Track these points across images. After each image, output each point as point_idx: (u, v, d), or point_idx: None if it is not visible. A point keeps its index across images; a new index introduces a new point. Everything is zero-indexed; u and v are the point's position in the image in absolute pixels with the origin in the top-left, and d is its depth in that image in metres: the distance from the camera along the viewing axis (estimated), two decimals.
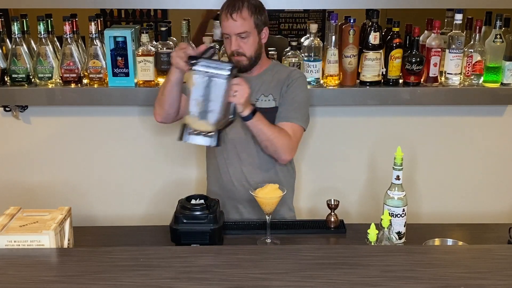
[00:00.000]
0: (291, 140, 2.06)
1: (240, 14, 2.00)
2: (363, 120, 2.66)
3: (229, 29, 2.03)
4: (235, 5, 2.01)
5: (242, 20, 2.01)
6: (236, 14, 2.00)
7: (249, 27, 2.03)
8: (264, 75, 2.15)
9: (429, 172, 2.74)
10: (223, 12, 2.02)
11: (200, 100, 1.82)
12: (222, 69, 1.81)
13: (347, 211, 2.66)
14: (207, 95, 1.81)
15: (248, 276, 1.47)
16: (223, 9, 2.03)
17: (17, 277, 1.48)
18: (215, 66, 1.81)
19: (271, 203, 1.85)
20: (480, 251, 1.66)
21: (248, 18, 2.02)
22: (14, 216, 1.73)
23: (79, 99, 2.44)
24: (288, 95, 2.10)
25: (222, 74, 1.80)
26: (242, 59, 2.06)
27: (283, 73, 2.15)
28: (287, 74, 2.13)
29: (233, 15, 2.00)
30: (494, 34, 2.42)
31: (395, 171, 1.80)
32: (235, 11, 2.00)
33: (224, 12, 2.02)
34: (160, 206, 2.67)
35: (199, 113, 1.82)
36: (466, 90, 2.46)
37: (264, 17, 2.08)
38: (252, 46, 2.06)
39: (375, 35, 2.38)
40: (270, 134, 2.01)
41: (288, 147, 2.06)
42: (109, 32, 2.37)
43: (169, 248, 1.75)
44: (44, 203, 2.67)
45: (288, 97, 2.09)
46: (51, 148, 2.68)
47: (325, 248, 1.77)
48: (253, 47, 2.06)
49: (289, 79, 2.11)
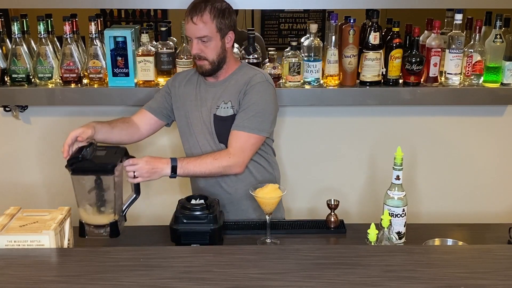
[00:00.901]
0: (233, 156, 2.00)
1: (201, 18, 1.97)
2: (363, 120, 2.66)
3: (189, 32, 2.01)
4: (197, 9, 1.98)
5: (203, 24, 1.98)
6: (196, 18, 1.97)
7: (210, 32, 1.99)
8: (228, 80, 2.10)
9: (429, 172, 2.74)
10: (186, 15, 2.00)
11: (93, 196, 1.79)
12: (104, 171, 1.75)
13: (347, 211, 2.65)
14: (99, 189, 1.78)
15: (248, 276, 1.47)
16: (186, 12, 2.01)
17: (17, 277, 1.48)
18: (96, 169, 1.76)
19: (271, 203, 1.85)
20: (480, 251, 1.66)
21: (210, 22, 1.98)
22: (14, 216, 1.73)
23: (79, 99, 2.44)
24: (244, 102, 2.03)
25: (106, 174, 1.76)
26: (204, 63, 2.04)
27: (245, 77, 2.08)
28: (247, 79, 2.06)
29: (194, 19, 1.97)
30: (494, 34, 2.42)
31: (395, 171, 1.80)
32: (196, 14, 1.97)
33: (186, 15, 2.00)
34: (160, 206, 2.67)
35: (97, 207, 1.80)
36: (466, 90, 2.46)
37: (230, 21, 2.03)
38: (214, 50, 2.02)
39: (375, 35, 2.38)
40: (204, 169, 1.99)
41: (232, 165, 2.00)
42: (109, 32, 2.37)
43: (169, 248, 1.75)
44: (44, 203, 2.68)
45: (245, 105, 2.03)
46: (51, 148, 2.68)
47: (325, 248, 1.76)
48: (215, 51, 2.03)
49: (247, 85, 2.04)
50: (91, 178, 1.77)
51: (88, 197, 1.79)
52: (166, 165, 1.95)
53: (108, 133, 2.02)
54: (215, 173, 2.02)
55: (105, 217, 1.80)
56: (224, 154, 2.01)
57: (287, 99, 2.45)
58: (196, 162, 1.99)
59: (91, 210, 1.80)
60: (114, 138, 2.07)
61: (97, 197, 1.79)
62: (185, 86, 2.17)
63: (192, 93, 2.14)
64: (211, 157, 2.01)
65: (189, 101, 2.13)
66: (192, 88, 2.15)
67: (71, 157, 1.79)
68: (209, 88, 2.12)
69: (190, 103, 2.13)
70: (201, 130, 2.11)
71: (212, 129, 2.09)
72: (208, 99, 2.10)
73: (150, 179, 1.93)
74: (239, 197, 2.13)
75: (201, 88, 2.14)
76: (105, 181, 1.78)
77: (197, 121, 2.12)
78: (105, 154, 1.82)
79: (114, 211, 1.81)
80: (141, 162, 1.90)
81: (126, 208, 1.88)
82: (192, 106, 2.13)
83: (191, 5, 2.01)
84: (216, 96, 2.09)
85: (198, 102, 2.12)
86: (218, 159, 2.00)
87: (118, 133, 2.07)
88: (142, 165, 1.89)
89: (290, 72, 2.44)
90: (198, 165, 1.99)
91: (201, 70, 2.07)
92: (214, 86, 2.11)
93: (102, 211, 1.80)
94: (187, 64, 2.40)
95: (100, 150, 1.84)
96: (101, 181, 1.77)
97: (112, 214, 1.81)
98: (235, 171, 2.03)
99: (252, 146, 2.05)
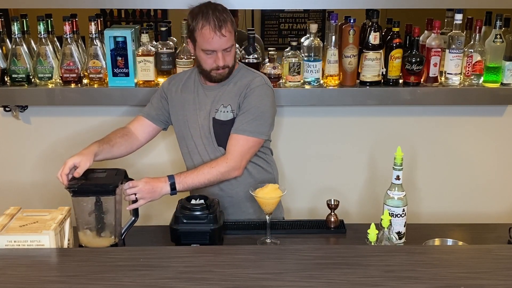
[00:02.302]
0: (230, 160, 1.99)
1: (227, 28, 1.92)
2: (363, 120, 2.66)
3: (217, 45, 1.92)
4: (220, 20, 1.90)
5: (229, 33, 1.94)
6: (225, 29, 1.91)
7: (233, 39, 1.98)
8: (227, 83, 2.07)
9: (429, 172, 2.74)
10: (207, 28, 1.90)
11: (93, 218, 1.79)
12: (106, 192, 1.76)
13: (347, 211, 2.65)
14: (99, 211, 1.78)
15: (248, 276, 1.47)
16: (204, 25, 1.91)
17: (17, 277, 1.48)
18: (97, 190, 1.76)
19: (271, 203, 1.85)
20: (480, 251, 1.66)
21: (232, 31, 1.96)
22: (14, 216, 1.73)
23: (79, 99, 2.44)
24: (244, 105, 2.01)
25: (108, 195, 1.76)
26: (226, 71, 2.01)
27: (244, 80, 2.06)
28: (247, 82, 2.04)
29: (223, 31, 1.91)
30: (494, 34, 2.42)
31: (395, 171, 1.80)
32: (223, 26, 1.90)
33: (210, 28, 1.90)
34: (160, 206, 2.67)
35: (96, 230, 1.80)
36: (466, 90, 2.46)
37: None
38: (233, 56, 2.01)
39: (375, 35, 2.38)
40: (203, 180, 1.98)
41: (231, 169, 1.99)
42: (109, 32, 2.37)
43: (169, 248, 1.75)
44: (43, 203, 2.67)
45: (244, 108, 2.01)
46: (51, 148, 2.68)
47: (325, 248, 1.77)
48: (234, 57, 2.02)
49: (247, 89, 2.03)
50: (92, 199, 1.77)
51: (88, 219, 1.79)
52: (164, 184, 1.93)
53: (108, 153, 2.01)
54: (214, 181, 2.01)
55: (104, 240, 1.80)
56: (221, 161, 2.00)
57: (287, 99, 2.45)
58: (194, 175, 1.97)
59: (90, 233, 1.80)
60: (115, 155, 2.07)
61: (97, 220, 1.79)
62: (182, 91, 2.13)
63: (190, 98, 2.11)
64: (208, 166, 1.99)
65: (187, 105, 2.11)
66: (190, 92, 2.12)
67: (71, 180, 1.79)
68: (208, 92, 2.09)
69: (189, 107, 2.11)
70: (200, 134, 2.09)
71: (211, 133, 2.07)
72: (207, 103, 2.08)
73: (152, 199, 1.92)
74: (240, 199, 2.13)
75: (199, 92, 2.11)
76: (105, 203, 1.78)
77: (195, 125, 2.10)
78: (106, 175, 1.83)
79: (113, 234, 1.81)
80: (141, 184, 1.89)
81: (125, 231, 1.88)
82: (190, 110, 2.10)
83: (204, 18, 1.91)
84: (215, 100, 2.06)
85: (196, 106, 2.10)
86: (215, 167, 1.98)
87: (118, 149, 2.06)
88: (142, 186, 1.88)
89: (290, 72, 2.44)
90: (196, 177, 1.97)
91: (220, 77, 2.02)
92: (213, 89, 2.08)
93: (102, 234, 1.80)
94: (187, 64, 2.40)
95: (100, 172, 1.85)
96: (101, 203, 1.77)
97: (111, 237, 1.81)
98: (234, 175, 2.02)
99: (250, 149, 2.04)
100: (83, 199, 1.77)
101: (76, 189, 1.75)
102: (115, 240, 1.82)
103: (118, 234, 1.83)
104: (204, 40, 1.93)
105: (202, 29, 1.92)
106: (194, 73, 2.15)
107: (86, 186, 1.76)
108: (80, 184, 1.76)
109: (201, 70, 2.04)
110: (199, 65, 2.03)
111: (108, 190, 1.76)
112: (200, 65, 2.02)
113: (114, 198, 1.77)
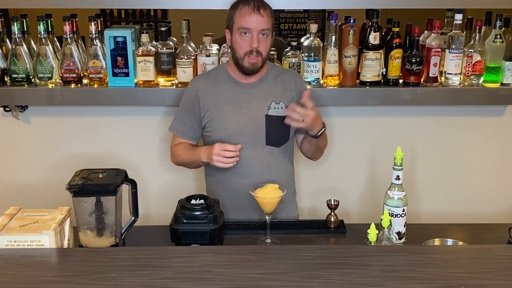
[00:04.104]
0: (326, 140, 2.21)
1: (265, 11, 1.97)
2: (363, 120, 2.66)
3: (253, 23, 1.96)
4: (260, 2, 1.97)
5: (268, 17, 1.98)
6: (263, 10, 1.96)
7: (271, 25, 2.00)
8: (265, 79, 2.11)
9: (429, 172, 2.74)
10: (247, 7, 1.96)
11: (93, 219, 1.79)
12: (107, 192, 1.76)
13: (347, 211, 2.66)
14: (99, 212, 1.78)
15: (248, 276, 1.47)
16: (242, 4, 1.97)
17: (17, 277, 1.48)
18: (97, 190, 1.76)
19: (271, 203, 1.85)
20: (480, 251, 1.66)
21: (270, 17, 2.00)
22: (14, 216, 1.73)
23: (79, 99, 2.44)
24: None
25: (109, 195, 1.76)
26: (259, 60, 2.01)
27: (285, 77, 2.13)
28: (292, 80, 2.13)
29: (261, 11, 1.96)
30: (494, 34, 2.42)
31: (395, 171, 1.80)
32: (261, 7, 1.97)
33: (249, 7, 1.96)
34: (160, 206, 2.67)
35: (97, 230, 1.80)
36: (466, 90, 2.46)
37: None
38: (268, 47, 2.03)
39: (375, 35, 2.38)
40: (324, 144, 2.13)
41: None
42: (109, 32, 2.37)
43: (169, 248, 1.75)
44: (44, 203, 2.67)
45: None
46: (51, 148, 2.68)
47: (325, 248, 1.76)
48: (268, 48, 2.04)
49: (297, 86, 2.11)
50: (92, 200, 1.77)
51: (89, 220, 1.79)
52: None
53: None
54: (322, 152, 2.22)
55: (104, 240, 1.80)
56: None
57: None
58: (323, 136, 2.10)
59: (91, 234, 1.80)
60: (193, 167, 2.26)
61: (97, 220, 1.79)
62: (216, 94, 2.11)
63: (226, 98, 2.09)
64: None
65: (224, 106, 2.09)
66: (224, 92, 2.10)
67: (71, 181, 1.79)
68: (248, 90, 2.09)
69: (226, 108, 2.09)
70: (243, 133, 2.07)
71: (262, 130, 2.07)
72: (249, 101, 2.08)
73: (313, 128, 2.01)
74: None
75: (235, 91, 2.10)
76: (106, 203, 1.78)
77: (235, 124, 2.07)
78: (106, 176, 1.83)
79: (113, 234, 1.81)
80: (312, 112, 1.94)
81: (125, 231, 1.88)
82: (227, 110, 2.08)
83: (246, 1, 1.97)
84: (261, 97, 2.07)
85: (238, 105, 2.08)
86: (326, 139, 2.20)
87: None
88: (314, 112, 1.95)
89: None
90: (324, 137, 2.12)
91: (252, 67, 2.02)
92: (253, 86, 2.08)
93: (102, 234, 1.80)
94: (187, 64, 2.40)
95: (101, 172, 1.85)
96: (102, 203, 1.77)
97: (112, 238, 1.81)
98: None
99: None
100: (84, 199, 1.77)
101: (77, 189, 1.75)
102: (115, 240, 1.82)
103: (118, 234, 1.83)
104: (242, 18, 1.97)
105: (241, 10, 1.98)
106: (222, 72, 2.14)
107: (86, 186, 1.76)
108: (80, 184, 1.75)
109: (235, 60, 2.04)
110: (234, 54, 2.05)
111: (108, 190, 1.76)
112: (235, 53, 2.04)
113: (115, 198, 1.77)
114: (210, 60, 2.40)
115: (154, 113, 2.61)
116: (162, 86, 2.44)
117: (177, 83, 2.45)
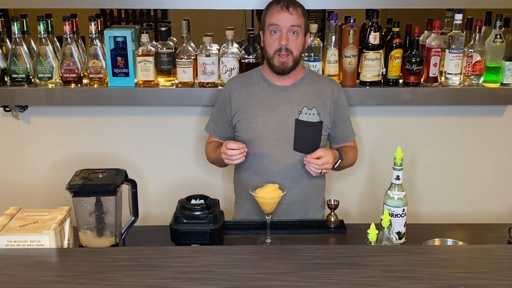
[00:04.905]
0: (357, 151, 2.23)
1: (295, 9, 1.98)
2: (363, 120, 2.66)
3: (282, 21, 1.97)
4: (291, 2, 1.99)
5: (297, 15, 1.99)
6: (292, 8, 1.97)
7: (302, 23, 2.00)
8: (301, 84, 2.10)
9: (429, 172, 2.74)
10: (276, 6, 1.98)
11: (93, 219, 1.78)
12: (106, 192, 1.76)
13: (347, 211, 2.66)
14: (99, 212, 1.78)
15: (248, 276, 1.47)
16: (273, 3, 2.00)
17: (17, 277, 1.48)
18: (98, 190, 1.76)
19: (271, 203, 1.85)
20: (480, 251, 1.66)
21: (302, 16, 2.01)
22: (14, 216, 1.73)
23: (79, 99, 2.44)
24: (340, 114, 2.13)
25: (109, 195, 1.76)
26: (289, 59, 2.00)
27: (322, 84, 2.11)
28: (328, 88, 2.11)
29: (290, 9, 1.97)
30: (494, 34, 2.42)
31: (395, 171, 1.80)
32: (291, 5, 1.98)
33: (279, 5, 1.98)
34: (160, 206, 2.67)
35: (97, 230, 1.79)
36: (466, 90, 2.46)
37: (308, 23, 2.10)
38: (299, 46, 2.02)
39: (375, 35, 2.38)
40: (350, 163, 2.16)
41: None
42: (109, 32, 2.37)
43: (169, 248, 1.75)
44: (44, 203, 2.67)
45: (344, 116, 2.15)
46: (51, 148, 2.68)
47: (325, 248, 1.76)
48: (300, 47, 2.02)
49: (333, 95, 2.10)
50: (92, 200, 1.77)
51: (89, 220, 1.79)
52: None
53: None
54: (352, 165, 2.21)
55: (104, 240, 1.80)
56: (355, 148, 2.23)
57: None
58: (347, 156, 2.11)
59: (91, 234, 1.80)
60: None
61: (97, 220, 1.79)
62: (248, 94, 2.10)
63: (257, 99, 2.09)
64: (351, 149, 2.18)
65: (255, 106, 2.08)
66: (256, 93, 2.10)
67: (71, 181, 1.79)
68: (281, 93, 2.08)
69: (256, 109, 2.08)
70: (270, 135, 2.07)
71: (290, 134, 2.06)
72: (281, 104, 2.07)
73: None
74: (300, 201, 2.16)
75: (268, 93, 2.09)
76: (106, 203, 1.78)
77: (263, 126, 2.07)
78: (106, 176, 1.83)
79: (113, 234, 1.81)
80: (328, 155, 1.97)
81: (125, 231, 1.88)
82: (257, 111, 2.08)
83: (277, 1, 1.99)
84: (293, 101, 2.06)
85: (268, 107, 2.07)
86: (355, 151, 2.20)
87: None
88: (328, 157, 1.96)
89: None
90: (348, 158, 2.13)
91: (282, 67, 2.02)
92: (286, 90, 2.08)
93: (102, 234, 1.80)
94: (187, 64, 2.40)
95: (101, 172, 1.85)
96: (102, 203, 1.77)
97: (112, 238, 1.81)
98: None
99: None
100: (84, 199, 1.77)
101: (77, 189, 1.75)
102: (115, 240, 1.82)
103: (118, 234, 1.83)
104: (271, 16, 1.99)
105: (272, 8, 2.00)
106: (257, 73, 2.14)
107: (86, 186, 1.76)
108: (80, 184, 1.75)
109: (267, 60, 2.05)
110: (266, 54, 2.06)
111: (108, 190, 1.76)
112: (266, 52, 2.05)
113: (115, 198, 1.77)
114: (210, 60, 2.40)
115: (154, 113, 2.62)
116: (162, 86, 2.44)
117: (177, 83, 2.45)
